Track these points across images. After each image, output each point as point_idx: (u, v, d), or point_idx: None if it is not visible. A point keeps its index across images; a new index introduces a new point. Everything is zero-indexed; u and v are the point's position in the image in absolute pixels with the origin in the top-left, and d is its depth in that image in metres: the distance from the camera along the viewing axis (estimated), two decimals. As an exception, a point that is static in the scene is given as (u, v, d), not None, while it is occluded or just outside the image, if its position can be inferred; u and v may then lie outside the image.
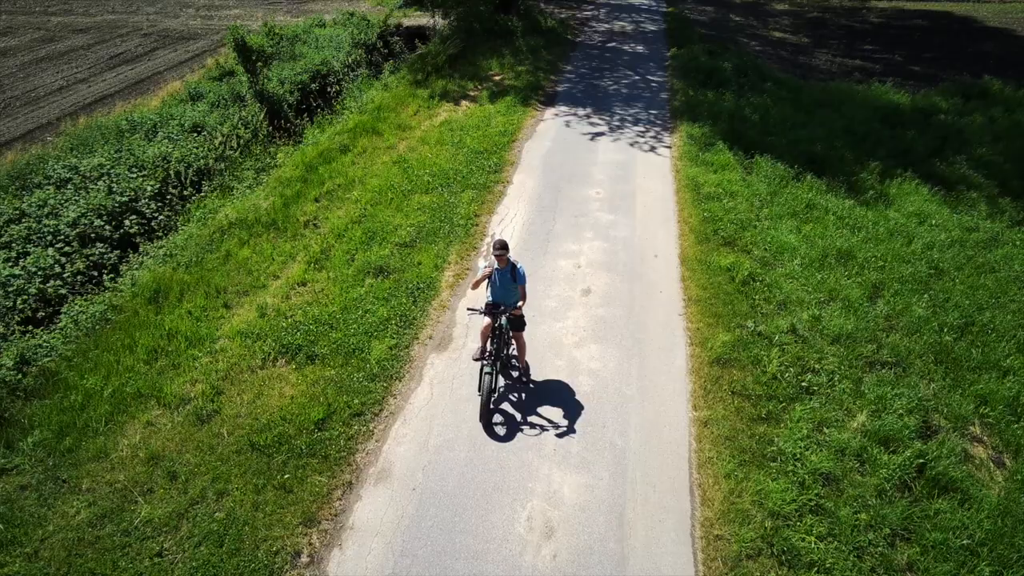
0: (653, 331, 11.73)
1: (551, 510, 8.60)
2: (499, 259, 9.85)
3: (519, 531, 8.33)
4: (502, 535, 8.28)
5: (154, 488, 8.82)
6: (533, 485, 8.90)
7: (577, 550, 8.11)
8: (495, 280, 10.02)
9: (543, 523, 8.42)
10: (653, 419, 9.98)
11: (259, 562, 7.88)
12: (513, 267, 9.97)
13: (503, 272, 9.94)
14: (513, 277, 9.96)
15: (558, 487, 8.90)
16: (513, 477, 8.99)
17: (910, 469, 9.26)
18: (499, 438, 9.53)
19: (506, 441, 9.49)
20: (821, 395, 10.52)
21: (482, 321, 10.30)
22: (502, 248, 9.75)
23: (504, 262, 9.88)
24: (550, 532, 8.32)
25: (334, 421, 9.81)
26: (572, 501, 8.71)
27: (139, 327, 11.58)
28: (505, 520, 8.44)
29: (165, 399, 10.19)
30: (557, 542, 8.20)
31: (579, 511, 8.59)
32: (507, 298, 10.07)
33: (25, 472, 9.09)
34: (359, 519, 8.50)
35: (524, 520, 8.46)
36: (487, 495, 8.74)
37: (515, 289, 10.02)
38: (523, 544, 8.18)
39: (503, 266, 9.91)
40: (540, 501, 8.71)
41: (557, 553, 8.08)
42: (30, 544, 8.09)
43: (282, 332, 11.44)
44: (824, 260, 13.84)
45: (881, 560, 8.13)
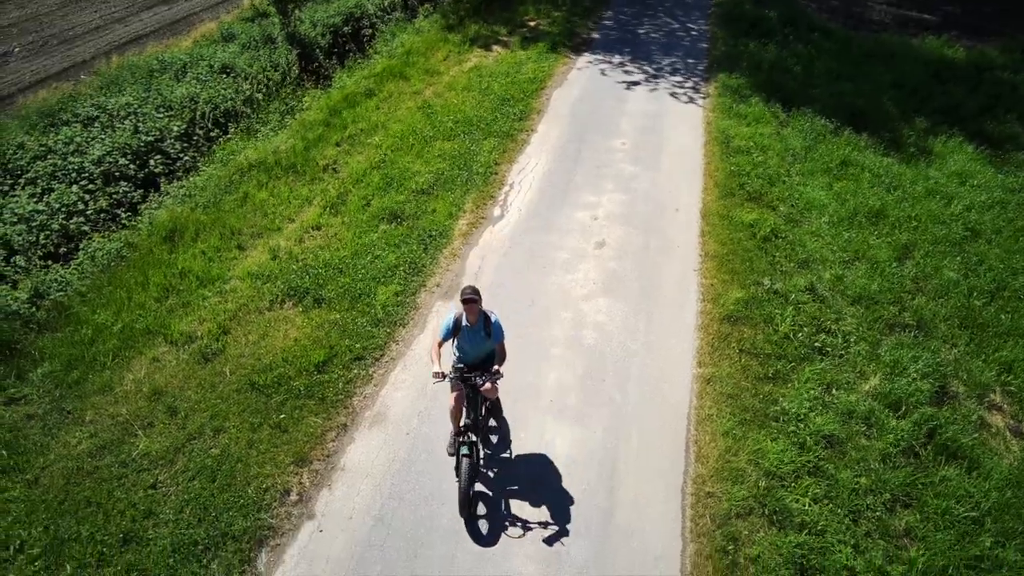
0: (665, 286, 11.50)
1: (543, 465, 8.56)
2: (468, 311, 7.67)
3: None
4: (492, 486, 8.28)
5: (154, 423, 9.01)
6: (525, 435, 8.89)
7: (564, 502, 8.07)
8: (464, 337, 7.92)
9: (532, 473, 8.40)
10: (655, 375, 9.84)
11: (248, 498, 8.02)
12: (486, 320, 7.83)
13: (474, 330, 7.80)
14: (487, 333, 7.85)
15: (552, 435, 8.88)
16: (509, 428, 8.95)
17: (919, 435, 9.01)
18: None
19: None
20: (834, 356, 10.24)
21: (448, 393, 8.11)
22: (472, 295, 7.56)
23: (474, 316, 7.71)
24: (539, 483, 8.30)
25: (335, 364, 9.87)
26: (563, 453, 8.68)
27: (153, 265, 11.74)
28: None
29: (172, 336, 10.35)
30: (544, 492, 8.18)
31: (570, 463, 8.55)
32: (479, 356, 8.10)
33: (32, 402, 9.35)
34: (351, 461, 8.59)
35: (514, 470, 8.45)
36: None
37: (490, 348, 8.03)
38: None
39: (473, 322, 7.75)
40: (532, 452, 8.67)
41: (544, 503, 8.06)
42: (31, 471, 8.35)
43: (292, 275, 11.50)
44: (854, 219, 13.38)
45: (877, 525, 7.96)
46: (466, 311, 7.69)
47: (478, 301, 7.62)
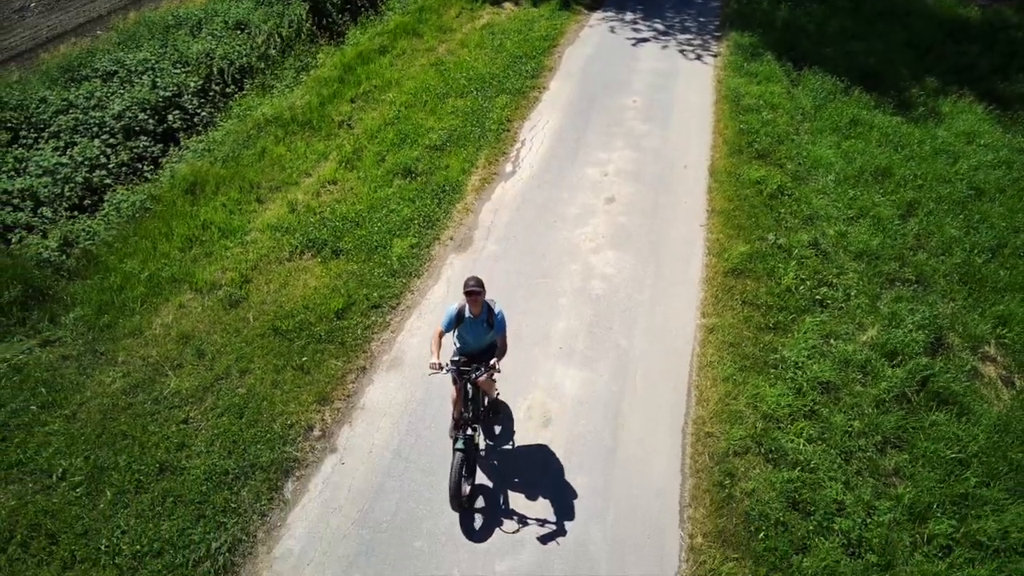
0: (672, 240, 11.92)
1: (551, 401, 9.10)
2: (471, 303, 7.53)
3: (519, 419, 8.87)
4: (503, 425, 8.82)
5: (183, 364, 9.57)
6: (535, 378, 9.40)
7: (570, 439, 8.63)
8: (466, 328, 7.82)
9: (541, 413, 8.94)
10: (660, 323, 10.31)
11: (274, 433, 8.59)
12: (490, 311, 7.73)
13: (476, 321, 7.70)
14: (490, 325, 7.76)
15: (559, 381, 9.38)
16: (517, 373, 9.46)
17: (912, 382, 9.46)
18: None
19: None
20: (834, 309, 10.67)
21: (449, 382, 8.04)
22: (475, 287, 7.41)
23: (478, 307, 7.58)
24: (547, 421, 8.84)
25: (353, 312, 10.38)
26: (571, 395, 9.19)
27: (176, 217, 12.22)
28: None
29: (197, 284, 10.87)
30: (553, 430, 8.73)
31: (577, 404, 9.07)
32: (482, 348, 8.00)
33: (66, 344, 9.92)
34: (370, 400, 9.14)
35: (524, 409, 8.99)
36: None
37: (492, 339, 7.97)
38: (522, 431, 8.74)
39: (476, 313, 7.62)
40: (541, 393, 9.21)
41: (552, 439, 8.61)
42: (69, 407, 8.93)
43: (310, 227, 11.96)
44: (860, 177, 13.69)
45: (868, 464, 8.46)
46: (469, 302, 7.53)
47: (482, 292, 7.47)
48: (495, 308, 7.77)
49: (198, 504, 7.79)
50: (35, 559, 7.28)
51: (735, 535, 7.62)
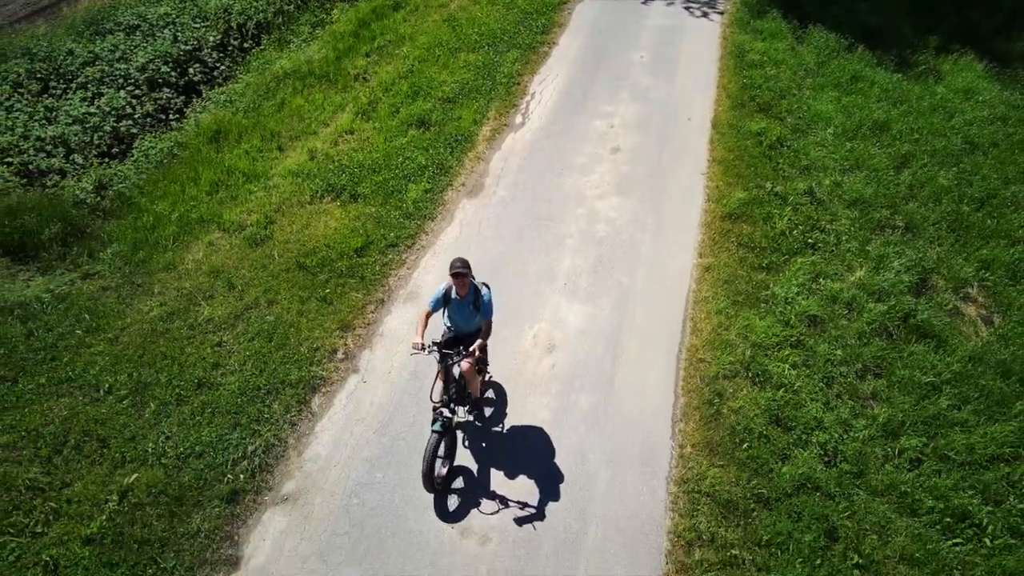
0: (673, 187, 12.63)
1: (555, 331, 9.91)
2: (457, 284, 7.56)
3: (525, 346, 9.69)
4: (510, 351, 9.64)
5: (214, 295, 10.41)
6: (540, 309, 10.21)
7: (573, 363, 9.45)
8: (453, 309, 7.88)
9: (547, 341, 9.75)
10: (660, 263, 11.07)
11: (302, 355, 9.45)
12: (477, 293, 7.73)
13: (463, 303, 7.73)
14: (476, 307, 7.76)
15: (564, 314, 10.18)
16: (525, 306, 10.28)
17: (895, 318, 10.20)
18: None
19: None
20: (825, 252, 11.39)
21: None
22: (462, 268, 7.41)
23: (464, 288, 7.60)
24: (552, 348, 9.66)
25: (372, 250, 11.18)
26: (574, 325, 10.00)
27: (202, 163, 13.00)
28: (513, 338, 9.80)
29: (224, 224, 11.67)
30: (557, 356, 9.55)
31: (579, 334, 9.88)
32: (468, 329, 8.02)
33: (105, 277, 10.76)
34: (388, 329, 9.98)
35: (530, 338, 9.81)
36: (501, 319, 9.97)
37: (478, 322, 7.92)
38: (527, 356, 9.56)
39: (463, 294, 7.65)
40: (546, 324, 10.02)
41: (555, 364, 9.44)
42: (111, 331, 9.80)
43: (329, 173, 12.73)
44: (858, 131, 14.31)
45: (847, 388, 9.25)
46: (456, 284, 7.54)
47: (468, 274, 7.45)
48: (483, 291, 7.71)
49: (234, 414, 8.66)
50: (88, 460, 8.17)
51: (721, 445, 8.45)
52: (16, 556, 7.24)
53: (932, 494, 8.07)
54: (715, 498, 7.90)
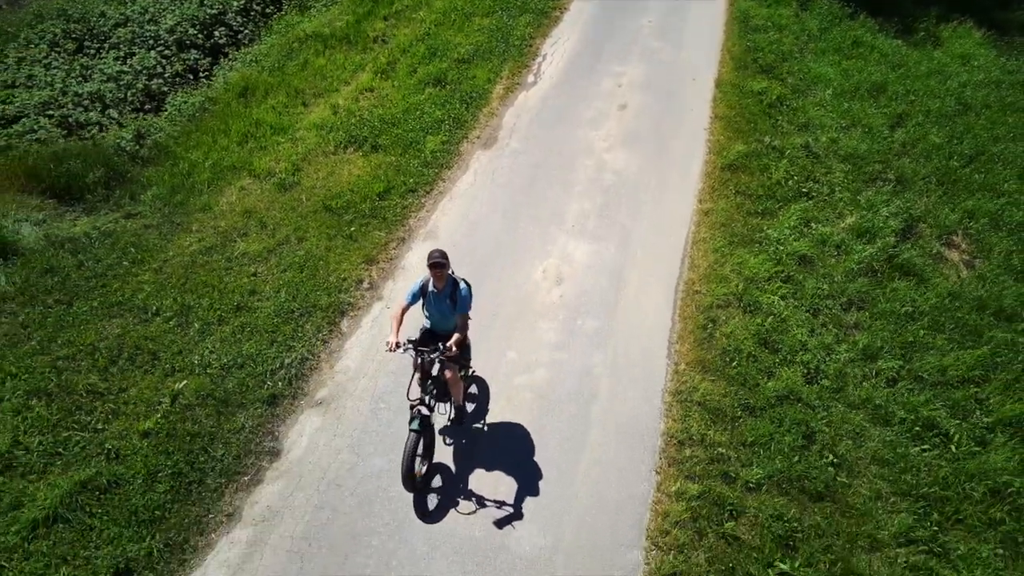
0: (677, 141, 13.51)
1: (563, 266, 10.85)
2: (434, 276, 7.44)
3: (536, 278, 10.64)
4: (522, 281, 10.60)
5: (248, 233, 11.38)
6: (550, 247, 11.15)
7: (579, 294, 10.40)
8: (430, 303, 7.75)
9: (555, 274, 10.70)
10: (662, 208, 11.98)
11: (331, 284, 10.42)
12: (454, 288, 7.59)
13: (440, 296, 7.60)
14: (453, 302, 7.62)
15: (572, 251, 11.12)
16: (536, 244, 11.22)
17: (881, 258, 11.08)
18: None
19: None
20: (818, 200, 12.27)
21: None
22: (440, 259, 7.27)
23: (441, 281, 7.49)
24: (560, 280, 10.61)
25: (393, 194, 12.13)
26: (581, 261, 10.94)
27: (231, 116, 13.94)
28: (525, 272, 10.75)
29: (255, 172, 12.63)
30: (564, 287, 10.50)
31: (585, 268, 10.82)
32: (447, 325, 7.84)
33: (146, 216, 11.74)
34: (409, 263, 10.94)
35: (540, 271, 10.75)
36: (512, 254, 11.03)
37: (452, 318, 7.75)
38: (537, 286, 10.50)
39: (440, 287, 7.53)
40: (555, 260, 10.96)
41: (563, 294, 10.38)
42: (155, 263, 10.79)
43: (351, 126, 13.66)
44: (856, 92, 15.14)
45: (832, 318, 10.17)
46: (433, 276, 7.44)
47: (446, 266, 7.33)
48: (460, 285, 7.59)
49: (271, 333, 9.65)
50: (141, 369, 9.18)
51: (713, 363, 9.39)
52: (81, 447, 8.26)
53: (904, 407, 8.99)
54: (705, 406, 8.85)
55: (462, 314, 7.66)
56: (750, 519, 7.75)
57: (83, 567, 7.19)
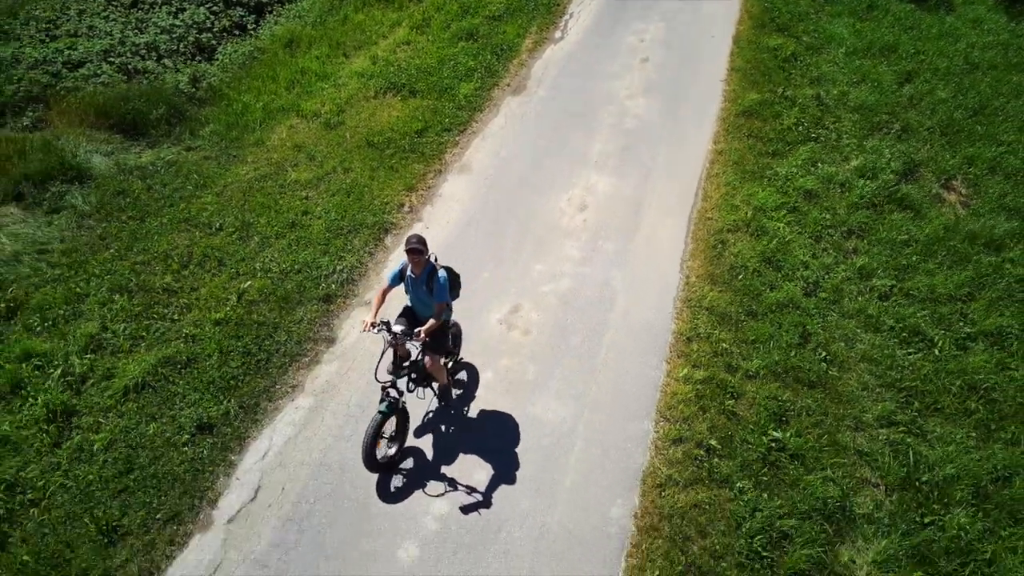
0: (695, 91, 14.63)
1: (587, 196, 12.03)
2: (412, 262, 7.59)
3: (561, 205, 11.83)
4: (549, 207, 11.79)
5: (298, 164, 12.65)
6: (575, 181, 12.33)
7: (600, 218, 11.58)
8: (409, 287, 7.93)
9: (580, 202, 11.88)
10: (679, 149, 13.11)
11: (375, 207, 11.67)
12: (432, 274, 7.65)
13: (417, 281, 7.71)
14: (429, 289, 7.68)
15: (595, 183, 12.30)
16: (561, 177, 12.40)
17: (881, 194, 12.16)
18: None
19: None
20: (826, 144, 13.34)
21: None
22: (417, 245, 7.42)
23: (419, 267, 7.62)
24: (584, 207, 11.79)
25: (429, 133, 13.35)
26: (603, 192, 12.11)
27: (279, 64, 15.22)
28: (552, 200, 11.94)
29: (302, 112, 13.89)
30: (587, 213, 11.68)
31: (607, 198, 12.00)
32: (426, 311, 7.92)
33: (205, 150, 13.04)
34: (445, 191, 12.16)
35: (566, 200, 11.94)
36: (540, 185, 12.22)
37: (431, 304, 7.78)
38: (562, 213, 11.69)
39: (418, 272, 7.66)
40: (580, 190, 12.14)
41: (587, 219, 11.57)
42: (216, 188, 12.08)
43: (390, 74, 14.89)
44: (868, 51, 16.14)
45: (833, 244, 11.27)
46: (410, 261, 7.59)
47: (423, 252, 7.46)
48: (438, 273, 7.65)
49: (323, 245, 10.92)
50: (209, 273, 10.48)
51: (721, 277, 10.55)
52: (161, 333, 9.57)
53: (894, 318, 10.10)
54: (712, 311, 10.02)
55: (439, 302, 7.67)
56: (748, 400, 8.92)
57: (169, 423, 8.49)
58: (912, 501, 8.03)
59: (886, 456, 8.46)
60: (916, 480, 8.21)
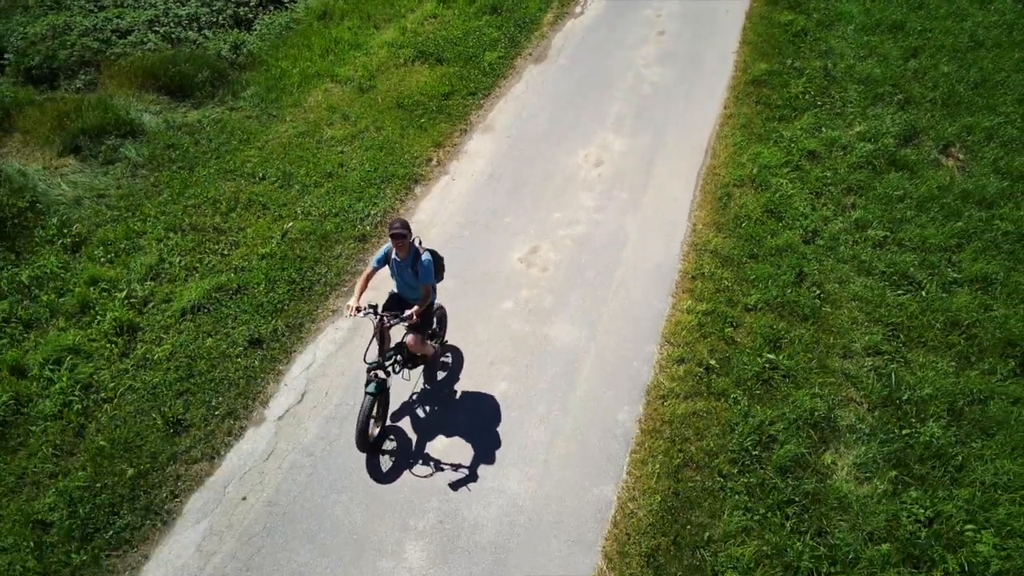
0: (708, 61, 15.60)
1: (603, 153, 13.05)
2: (396, 246, 7.81)
3: (578, 161, 12.85)
4: (566, 162, 12.82)
5: (334, 123, 13.74)
6: (592, 139, 13.35)
7: (616, 171, 12.60)
8: (394, 271, 8.19)
9: (596, 157, 12.90)
10: (691, 112, 14.10)
11: (405, 161, 12.74)
12: (416, 257, 7.91)
13: (402, 265, 7.99)
14: (415, 272, 7.95)
15: (611, 142, 13.31)
16: (579, 136, 13.41)
17: (881, 156, 13.07)
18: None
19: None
20: (831, 111, 14.26)
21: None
22: (401, 229, 7.65)
23: (404, 251, 7.86)
24: (600, 162, 12.81)
25: (456, 96, 14.41)
26: (618, 149, 13.12)
27: (313, 34, 16.33)
28: (569, 155, 12.97)
29: (336, 77, 14.99)
30: (603, 168, 12.70)
31: (621, 155, 13.01)
32: (412, 294, 8.23)
33: (247, 110, 14.16)
34: (470, 148, 13.22)
35: (583, 156, 12.97)
36: (559, 143, 13.23)
37: (417, 287, 8.08)
38: (580, 167, 12.72)
39: (403, 256, 7.91)
40: (596, 147, 13.16)
41: (602, 173, 12.59)
42: (258, 143, 13.18)
43: (418, 44, 15.96)
44: (877, 28, 17.01)
45: (832, 199, 12.20)
46: (394, 246, 7.82)
47: (407, 236, 7.69)
48: (422, 256, 7.89)
49: (358, 193, 12.01)
50: (254, 215, 11.58)
51: (725, 225, 11.53)
52: (213, 265, 10.68)
53: (886, 263, 11.03)
54: (716, 254, 11.01)
55: (425, 285, 7.96)
56: (746, 329, 9.91)
57: (224, 339, 9.60)
58: (891, 416, 8.98)
59: (870, 379, 9.41)
60: (896, 399, 9.15)
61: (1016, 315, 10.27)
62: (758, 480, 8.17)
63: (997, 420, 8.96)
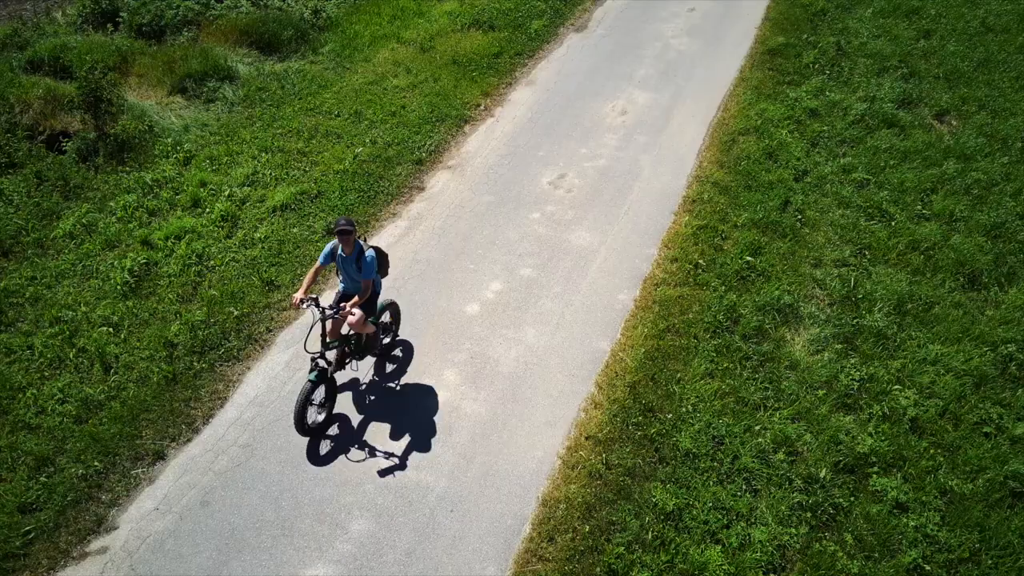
0: (731, 34, 17.88)
1: (628, 104, 15.43)
2: (342, 242, 8.41)
3: (607, 111, 15.26)
4: (596, 111, 15.23)
5: (398, 75, 16.36)
6: (619, 94, 15.74)
7: (638, 119, 14.97)
8: (340, 266, 8.78)
9: (622, 108, 15.30)
10: (710, 75, 16.38)
11: (457, 105, 15.29)
12: (360, 253, 8.52)
13: (348, 260, 8.57)
14: (358, 267, 8.55)
15: (636, 96, 15.68)
16: (609, 91, 15.82)
17: (877, 116, 15.18)
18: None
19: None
20: (838, 79, 16.40)
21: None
22: (346, 226, 8.24)
23: (349, 247, 8.44)
24: (625, 112, 15.20)
25: (504, 55, 16.94)
26: (641, 102, 15.49)
27: (382, 3, 19.03)
28: (598, 105, 15.38)
29: (401, 39, 17.63)
30: (627, 116, 15.08)
31: (644, 107, 15.37)
32: (356, 287, 8.82)
33: (324, 63, 16.86)
34: (514, 98, 15.73)
35: (610, 107, 15.37)
36: (591, 96, 15.65)
37: (360, 281, 8.67)
38: (605, 115, 15.11)
39: (348, 251, 8.48)
40: (623, 100, 15.55)
41: (625, 120, 14.97)
42: (334, 89, 15.83)
43: (474, 14, 18.54)
44: (894, 12, 19.04)
45: (826, 149, 14.33)
46: (341, 242, 8.39)
47: (351, 233, 8.27)
48: (366, 252, 8.48)
49: (417, 128, 14.58)
50: (331, 142, 14.21)
51: (727, 163, 13.80)
52: (296, 177, 13.33)
53: (864, 199, 13.18)
54: (716, 185, 13.29)
55: (365, 279, 8.54)
56: (733, 240, 12.17)
57: (306, 229, 12.21)
58: (847, 309, 11.16)
59: (834, 282, 11.58)
60: (852, 297, 11.32)
61: (972, 243, 12.27)
62: (725, 343, 10.44)
63: (938, 318, 11.01)
